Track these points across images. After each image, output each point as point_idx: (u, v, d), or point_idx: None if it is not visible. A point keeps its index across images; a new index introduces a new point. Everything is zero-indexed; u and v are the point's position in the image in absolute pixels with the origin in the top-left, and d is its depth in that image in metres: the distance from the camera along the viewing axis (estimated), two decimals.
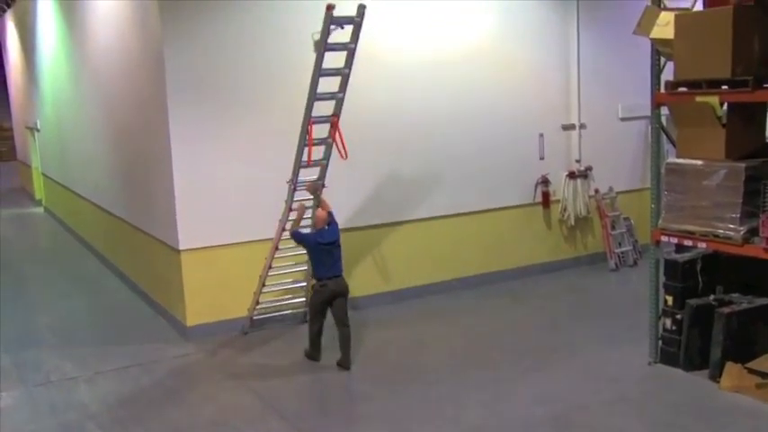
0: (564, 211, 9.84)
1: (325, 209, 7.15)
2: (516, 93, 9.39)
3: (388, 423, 5.89)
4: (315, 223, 7.11)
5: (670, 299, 6.59)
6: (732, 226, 5.71)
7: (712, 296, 6.53)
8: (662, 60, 6.43)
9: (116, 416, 6.25)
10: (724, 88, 5.72)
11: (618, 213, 10.14)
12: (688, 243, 6.16)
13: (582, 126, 9.84)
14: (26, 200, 19.96)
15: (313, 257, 7.02)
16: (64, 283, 10.85)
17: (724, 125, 5.81)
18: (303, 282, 8.05)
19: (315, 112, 7.21)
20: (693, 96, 5.89)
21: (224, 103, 7.76)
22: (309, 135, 7.19)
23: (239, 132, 7.84)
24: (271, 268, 7.75)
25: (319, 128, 7.37)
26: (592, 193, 9.97)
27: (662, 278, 6.67)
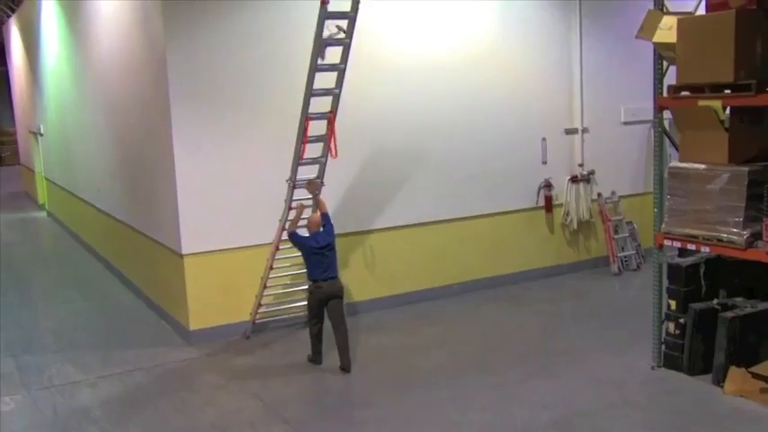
0: (566, 216, 9.83)
1: (321, 209, 7.21)
2: (519, 97, 9.40)
3: (391, 427, 5.89)
4: (308, 227, 7.16)
5: (673, 303, 6.58)
6: (735, 230, 5.70)
7: (716, 300, 6.52)
8: (664, 64, 6.43)
9: (119, 420, 6.25)
10: (727, 92, 5.72)
11: (621, 217, 10.13)
12: (691, 247, 6.14)
13: (584, 130, 9.84)
14: (29, 204, 19.99)
15: (308, 260, 7.07)
16: (66, 287, 10.86)
17: (727, 129, 5.81)
18: (305, 284, 8.04)
19: (313, 109, 7.24)
20: (696, 100, 5.89)
21: (227, 107, 7.77)
22: (306, 131, 7.24)
23: (242, 136, 7.85)
24: (272, 269, 7.76)
25: (318, 125, 7.39)
26: (594, 197, 9.97)
27: (665, 282, 6.66)
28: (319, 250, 6.96)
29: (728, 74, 5.59)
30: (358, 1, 6.99)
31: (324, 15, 6.84)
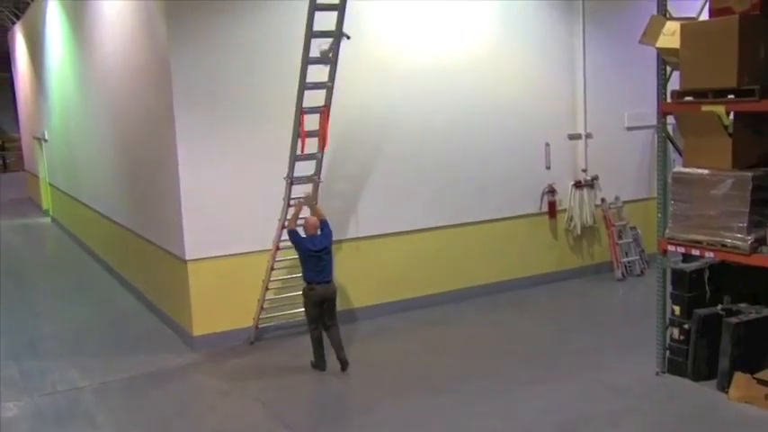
0: (570, 221, 9.82)
1: (318, 216, 7.28)
2: (522, 102, 9.40)
3: None
4: (305, 228, 7.24)
5: (677, 308, 6.56)
6: (739, 235, 5.69)
7: (720, 306, 6.50)
8: (668, 69, 6.42)
9: (122, 426, 6.25)
10: (730, 97, 5.71)
11: (624, 223, 10.11)
12: (695, 252, 6.13)
13: (588, 135, 9.84)
14: (33, 210, 20.04)
15: (303, 262, 7.17)
16: (70, 293, 10.88)
17: (730, 134, 5.80)
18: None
19: (308, 103, 7.30)
20: (700, 106, 5.88)
21: (231, 113, 7.79)
22: (302, 126, 7.30)
23: (246, 143, 7.86)
24: (273, 270, 7.79)
25: (314, 120, 7.45)
26: (598, 203, 9.95)
27: (669, 288, 6.65)
28: (315, 253, 7.06)
29: (732, 79, 5.59)
30: None
31: (313, 6, 6.95)
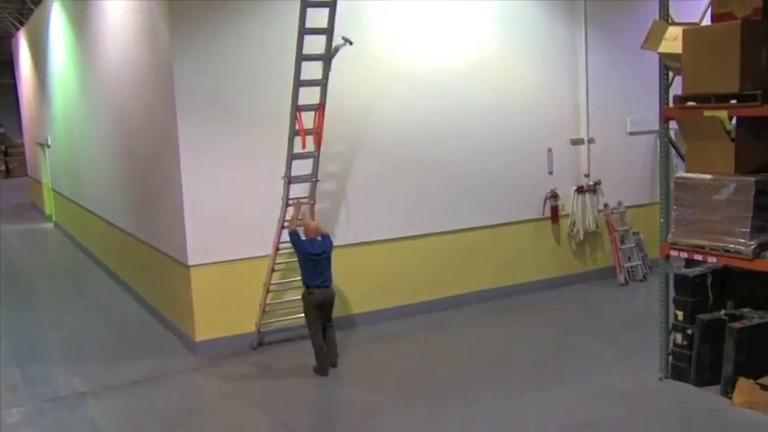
0: (573, 226, 9.82)
1: (316, 229, 7.37)
2: (525, 107, 9.40)
3: None
4: (306, 231, 7.32)
5: (680, 314, 6.55)
6: (742, 240, 5.68)
7: (723, 311, 6.48)
8: (670, 75, 6.43)
9: (124, 431, 6.25)
10: (733, 102, 5.71)
11: (627, 228, 10.10)
12: (698, 258, 6.12)
13: (590, 140, 9.83)
14: (36, 215, 20.07)
15: (302, 264, 7.24)
16: (73, 298, 10.89)
17: (733, 139, 5.80)
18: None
19: (304, 101, 7.40)
20: (702, 111, 5.88)
21: (234, 119, 7.80)
22: (300, 123, 7.37)
23: (249, 148, 7.87)
24: (274, 272, 7.80)
25: (310, 118, 7.55)
26: (601, 208, 9.94)
27: (672, 293, 6.64)
28: (314, 256, 7.14)
29: (734, 84, 5.58)
30: None
31: (305, 4, 7.06)
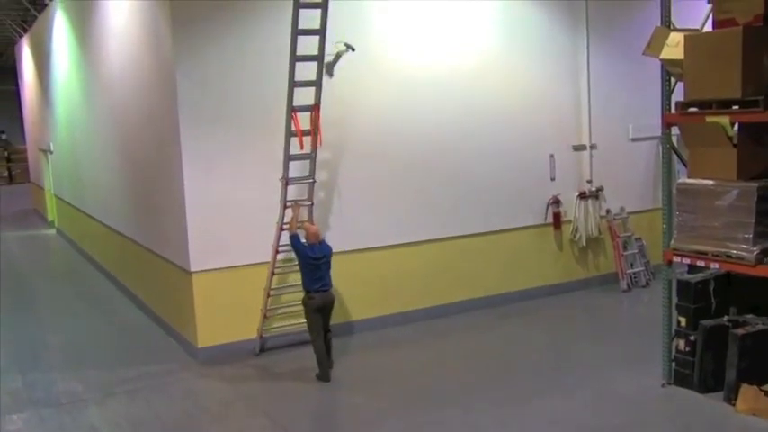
0: (575, 232, 9.81)
1: (316, 235, 7.43)
2: (527, 114, 9.41)
3: None
4: (306, 236, 7.39)
5: (683, 320, 6.54)
6: (745, 246, 5.67)
7: (726, 317, 6.47)
8: (672, 81, 6.43)
9: None
10: (735, 108, 5.71)
11: (629, 234, 10.09)
12: (700, 263, 6.12)
13: (592, 147, 9.83)
14: (39, 221, 20.10)
15: (302, 268, 7.30)
16: (75, 304, 10.88)
17: (735, 145, 5.79)
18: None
19: (299, 102, 7.50)
20: (704, 117, 5.88)
21: (236, 126, 7.81)
22: (296, 123, 7.45)
23: (251, 154, 7.88)
24: (274, 275, 7.81)
25: (306, 120, 7.63)
26: (603, 214, 9.94)
27: (674, 299, 6.62)
28: (314, 261, 7.20)
29: (736, 90, 5.58)
30: None
31: (297, 5, 7.15)
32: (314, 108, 7.64)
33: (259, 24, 7.80)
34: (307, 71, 7.57)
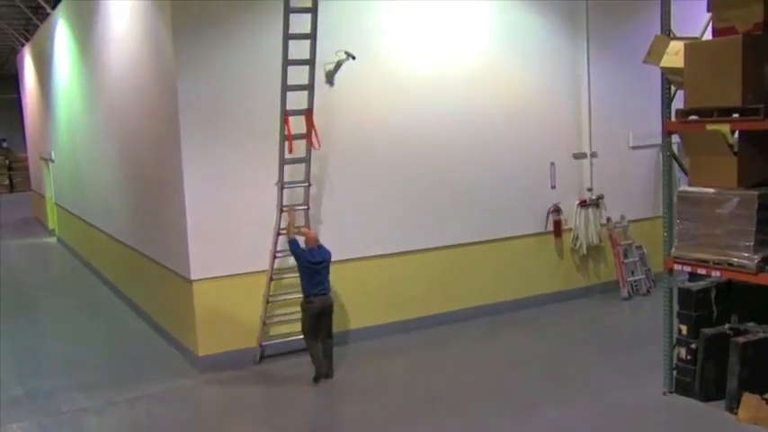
0: (576, 240, 9.80)
1: (314, 239, 7.49)
2: (527, 122, 9.42)
3: None
4: (306, 241, 7.47)
5: (684, 328, 6.52)
6: (746, 254, 5.66)
7: (727, 325, 6.45)
8: (672, 89, 6.44)
9: None
10: (735, 116, 5.71)
11: (630, 242, 10.08)
12: (701, 272, 6.10)
13: (593, 155, 9.84)
14: (40, 230, 20.10)
15: (302, 273, 7.36)
16: (76, 313, 10.87)
17: (735, 153, 5.80)
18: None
19: (292, 106, 7.57)
20: (704, 125, 5.89)
21: (237, 134, 7.82)
22: (287, 127, 7.51)
23: (252, 163, 7.88)
24: (272, 280, 7.81)
25: (300, 124, 7.67)
26: (604, 222, 9.94)
27: (675, 307, 6.61)
28: (313, 265, 7.28)
29: (736, 98, 5.59)
30: None
31: (288, 9, 7.23)
32: (307, 112, 7.69)
33: (259, 31, 7.80)
34: (304, 75, 7.62)
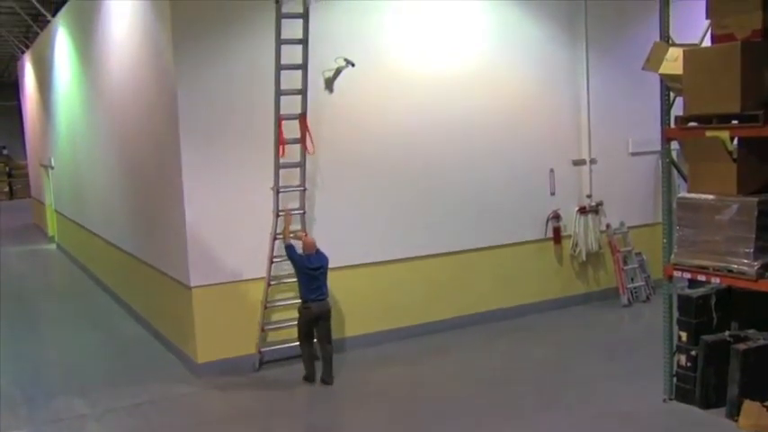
0: (575, 247, 9.80)
1: (312, 244, 7.54)
2: (526, 128, 9.42)
3: None
4: (303, 247, 7.52)
5: (684, 335, 6.51)
6: (746, 261, 5.66)
7: (727, 332, 6.44)
8: (671, 95, 6.45)
9: None
10: (734, 123, 5.72)
11: (630, 248, 10.08)
12: (701, 278, 6.10)
13: (592, 161, 9.85)
14: (39, 236, 20.09)
15: (299, 279, 7.43)
16: (75, 320, 10.86)
17: (735, 160, 5.80)
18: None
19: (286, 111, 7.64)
20: (704, 131, 5.89)
21: (236, 142, 7.82)
22: (280, 131, 7.57)
23: (252, 170, 7.87)
24: (270, 286, 7.82)
25: (294, 129, 7.73)
26: (603, 229, 9.93)
27: (675, 314, 6.60)
28: (310, 271, 7.34)
29: (736, 104, 5.60)
30: (308, 4, 7.50)
31: (280, 15, 7.32)
32: (301, 116, 7.70)
33: (259, 39, 7.80)
34: (299, 80, 7.66)
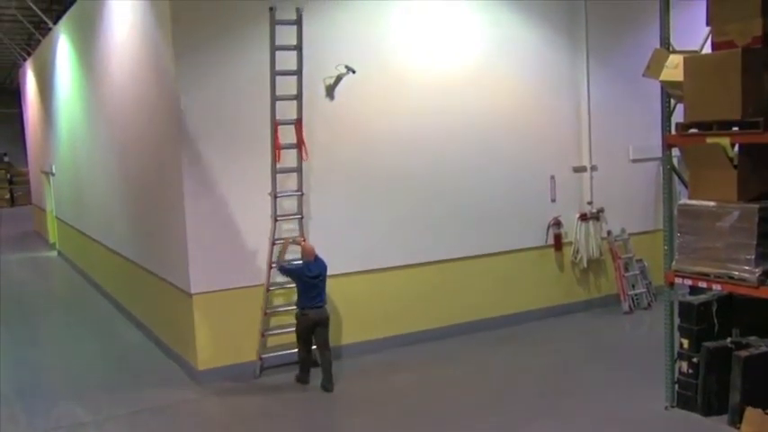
0: (576, 254, 9.79)
1: (311, 251, 7.57)
2: (527, 135, 9.43)
3: None
4: (303, 254, 7.56)
5: (686, 342, 6.50)
6: (747, 268, 5.65)
7: (729, 339, 6.42)
8: (672, 102, 6.45)
9: None
10: (735, 129, 5.72)
11: (631, 255, 10.07)
12: (702, 285, 6.09)
13: (593, 168, 9.84)
14: (40, 243, 20.09)
15: (298, 287, 7.46)
16: (76, 327, 10.85)
17: (736, 166, 5.80)
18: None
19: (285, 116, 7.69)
20: (704, 138, 5.90)
21: (238, 148, 7.83)
22: (276, 136, 7.58)
23: (253, 177, 7.88)
24: (269, 291, 7.81)
25: (290, 134, 7.77)
26: (604, 235, 9.93)
27: (677, 321, 6.59)
28: (310, 279, 7.36)
29: (736, 111, 5.60)
30: (301, 11, 7.57)
31: (274, 22, 7.35)
32: (296, 122, 7.73)
33: (259, 45, 7.81)
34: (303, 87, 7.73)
